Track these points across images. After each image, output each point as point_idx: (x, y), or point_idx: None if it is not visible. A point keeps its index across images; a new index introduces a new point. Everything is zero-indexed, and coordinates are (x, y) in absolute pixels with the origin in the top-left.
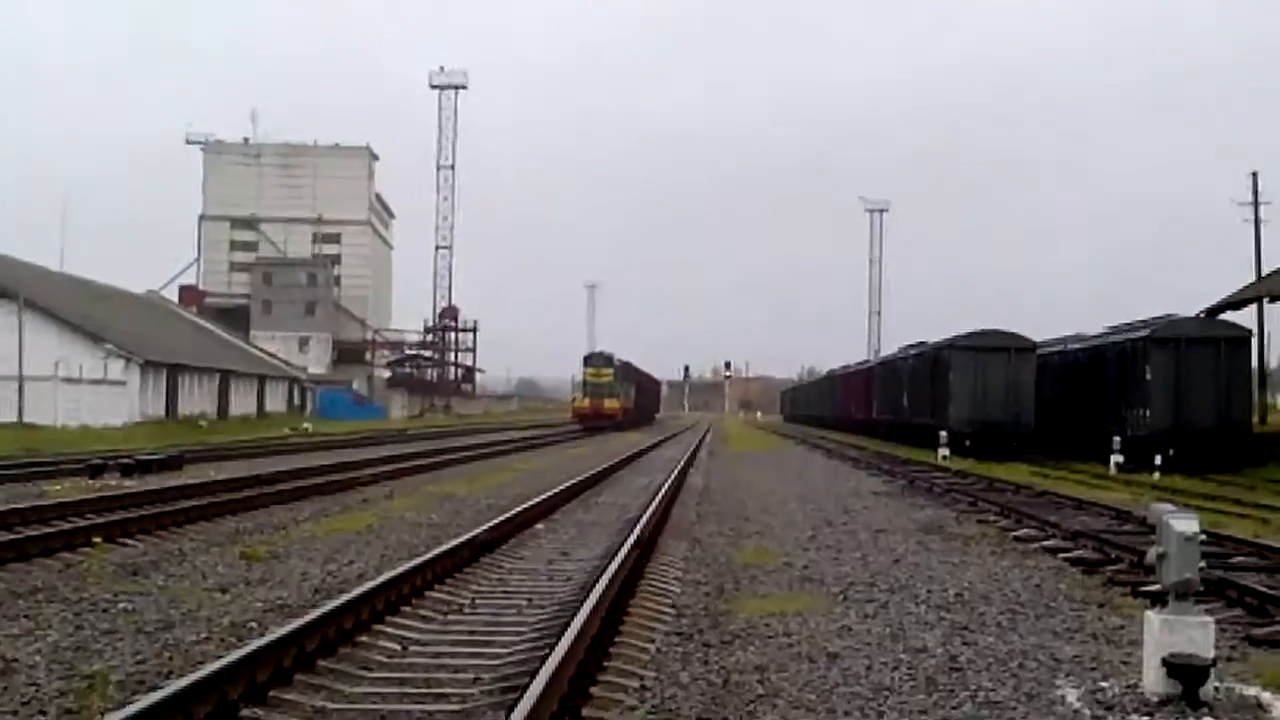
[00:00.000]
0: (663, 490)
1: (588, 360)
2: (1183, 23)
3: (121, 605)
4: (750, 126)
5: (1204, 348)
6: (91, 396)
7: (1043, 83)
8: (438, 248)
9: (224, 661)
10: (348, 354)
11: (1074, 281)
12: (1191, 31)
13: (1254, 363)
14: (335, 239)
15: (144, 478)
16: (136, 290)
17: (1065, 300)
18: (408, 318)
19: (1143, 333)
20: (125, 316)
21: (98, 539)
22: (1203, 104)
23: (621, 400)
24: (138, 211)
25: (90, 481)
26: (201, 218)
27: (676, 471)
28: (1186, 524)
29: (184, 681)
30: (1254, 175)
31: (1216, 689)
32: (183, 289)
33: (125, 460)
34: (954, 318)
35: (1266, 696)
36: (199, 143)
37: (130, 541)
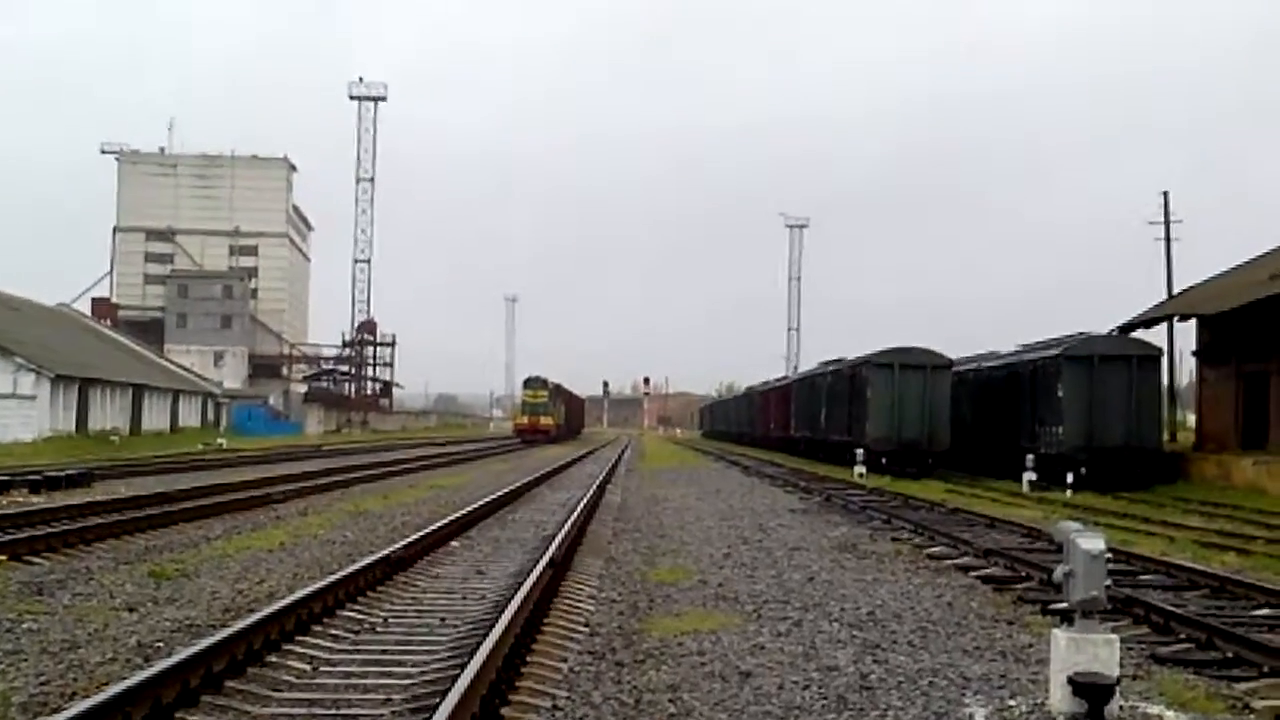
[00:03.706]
0: (579, 507)
1: (527, 383)
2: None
3: (26, 625)
4: (678, 148)
5: (1116, 365)
6: (0, 411)
7: (980, 120)
8: (356, 261)
9: (129, 682)
10: (264, 368)
11: (1002, 305)
12: (1126, 75)
13: (1164, 380)
14: (252, 251)
15: (52, 494)
16: (48, 303)
17: (993, 323)
18: (325, 331)
19: (1056, 351)
20: (36, 329)
21: (2, 557)
22: (1127, 145)
23: (554, 417)
24: (49, 223)
25: None
26: (115, 229)
27: (594, 488)
28: (1092, 542)
29: (87, 703)
30: (1165, 195)
31: (1121, 707)
32: (95, 301)
33: (33, 476)
34: (882, 338)
35: (1169, 715)
36: (114, 153)
37: (36, 560)
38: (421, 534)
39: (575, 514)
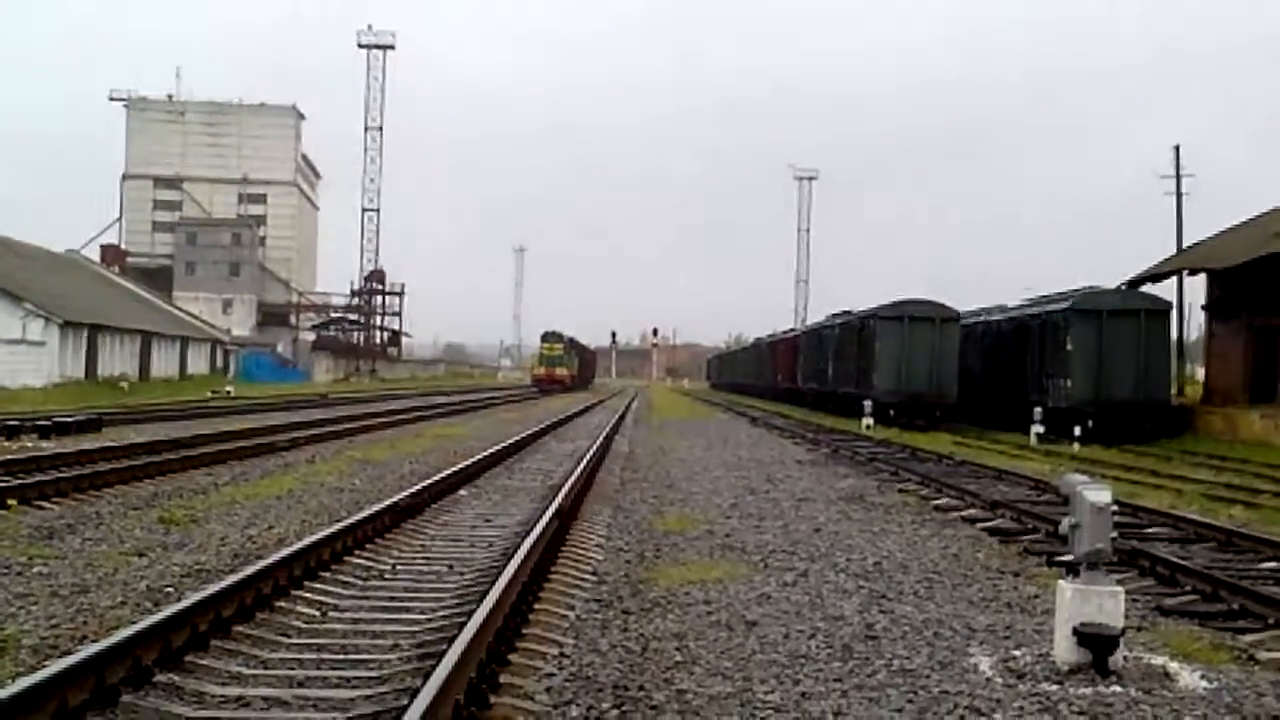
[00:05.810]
0: (587, 456)
1: (544, 337)
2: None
3: (36, 569)
4: (690, 101)
5: (1124, 319)
6: (9, 357)
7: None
8: (365, 210)
9: (139, 626)
10: (272, 316)
11: (1014, 265)
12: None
13: (1173, 335)
14: (261, 199)
15: (62, 440)
16: (57, 249)
17: (1006, 275)
18: (334, 280)
19: (1064, 304)
20: (45, 276)
21: (13, 501)
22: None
23: (569, 368)
24: (58, 169)
25: (6, 443)
26: (124, 176)
27: (602, 438)
28: (1099, 495)
29: (97, 646)
30: (1176, 149)
31: (1126, 658)
32: (104, 248)
33: (42, 422)
34: (892, 290)
35: (1174, 666)
36: (122, 100)
37: (46, 504)
38: (429, 482)
39: (583, 464)
